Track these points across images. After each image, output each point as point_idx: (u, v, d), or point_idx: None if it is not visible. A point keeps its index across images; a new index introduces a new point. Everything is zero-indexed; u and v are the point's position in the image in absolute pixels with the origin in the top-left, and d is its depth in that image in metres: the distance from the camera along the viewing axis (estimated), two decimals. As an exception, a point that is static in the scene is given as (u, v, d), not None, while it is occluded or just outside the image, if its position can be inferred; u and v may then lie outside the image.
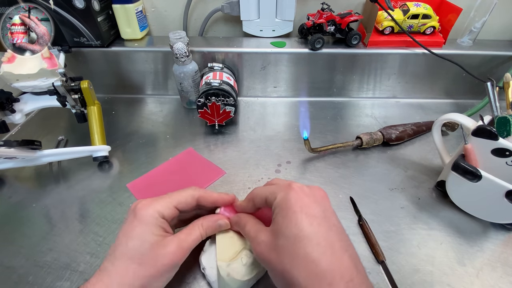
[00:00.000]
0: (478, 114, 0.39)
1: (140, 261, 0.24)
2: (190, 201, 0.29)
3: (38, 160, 0.41)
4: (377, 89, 0.62)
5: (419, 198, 0.41)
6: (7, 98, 0.42)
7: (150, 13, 0.62)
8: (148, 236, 0.25)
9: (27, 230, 0.37)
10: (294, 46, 0.58)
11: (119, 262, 0.24)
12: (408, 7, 0.55)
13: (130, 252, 0.25)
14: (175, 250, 0.26)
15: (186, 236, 0.27)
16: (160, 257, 0.25)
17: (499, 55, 0.57)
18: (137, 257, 0.24)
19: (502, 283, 0.32)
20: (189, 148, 0.49)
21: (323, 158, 0.48)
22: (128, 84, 0.61)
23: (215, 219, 0.30)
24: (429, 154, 0.48)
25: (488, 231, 0.37)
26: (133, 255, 0.25)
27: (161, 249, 0.25)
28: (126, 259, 0.24)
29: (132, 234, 0.25)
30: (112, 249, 0.26)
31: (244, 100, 0.62)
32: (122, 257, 0.25)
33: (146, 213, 0.26)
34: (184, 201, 0.29)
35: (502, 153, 0.34)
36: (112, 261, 0.25)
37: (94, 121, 0.46)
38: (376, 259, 0.34)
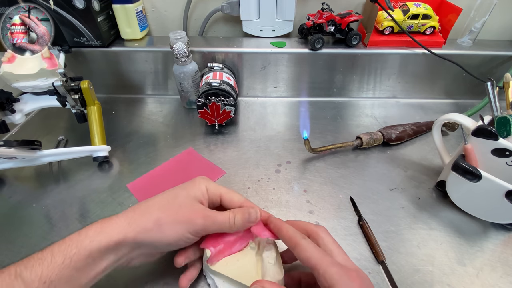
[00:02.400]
0: (478, 114, 0.39)
1: (171, 201, 0.27)
2: (235, 200, 0.30)
3: (38, 160, 0.41)
4: (377, 89, 0.62)
5: (419, 198, 0.41)
6: (7, 98, 0.42)
7: (150, 13, 0.62)
8: (188, 193, 0.28)
9: (27, 230, 0.37)
10: (294, 46, 0.58)
11: (157, 198, 0.28)
12: (408, 7, 0.55)
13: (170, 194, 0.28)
14: (199, 211, 0.27)
15: (215, 212, 0.28)
16: (184, 207, 0.27)
17: (499, 55, 0.57)
18: (172, 198, 0.28)
19: (502, 283, 0.32)
20: (189, 148, 0.49)
21: (323, 158, 0.48)
22: (128, 84, 0.61)
23: (247, 208, 0.29)
24: (429, 154, 0.49)
25: (488, 231, 0.37)
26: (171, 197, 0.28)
27: (189, 204, 0.27)
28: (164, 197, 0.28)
29: (182, 186, 0.29)
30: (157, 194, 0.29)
31: (244, 100, 0.62)
32: (163, 195, 0.28)
33: (199, 183, 0.29)
34: (229, 197, 0.30)
35: (502, 153, 0.34)
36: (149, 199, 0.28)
37: (94, 121, 0.46)
38: (376, 259, 0.34)
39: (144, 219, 0.26)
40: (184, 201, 0.27)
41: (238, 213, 0.28)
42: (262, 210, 0.31)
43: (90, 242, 0.23)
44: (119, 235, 0.24)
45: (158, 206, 0.27)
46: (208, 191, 0.29)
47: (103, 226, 0.25)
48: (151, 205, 0.27)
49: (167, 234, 0.26)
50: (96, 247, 0.23)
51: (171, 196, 0.28)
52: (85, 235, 0.24)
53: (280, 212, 0.39)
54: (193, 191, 0.28)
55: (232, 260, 0.29)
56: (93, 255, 0.23)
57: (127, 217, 0.26)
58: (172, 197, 0.28)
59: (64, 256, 0.23)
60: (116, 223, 0.25)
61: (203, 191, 0.29)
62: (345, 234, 0.37)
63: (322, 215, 0.39)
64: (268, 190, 0.42)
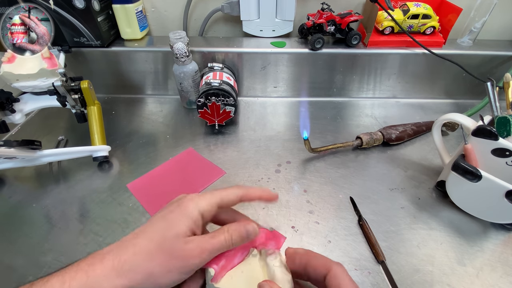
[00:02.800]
0: (478, 114, 0.39)
1: (160, 245, 0.24)
2: (233, 199, 0.28)
3: (38, 160, 0.41)
4: (377, 89, 0.62)
5: (419, 198, 0.41)
6: (7, 98, 0.42)
7: (150, 13, 0.62)
8: (178, 226, 0.25)
9: (27, 230, 0.37)
10: (294, 46, 0.58)
11: (140, 241, 0.25)
12: (408, 7, 0.55)
13: (156, 233, 0.25)
14: (193, 247, 0.25)
15: (209, 237, 0.26)
16: (176, 252, 0.24)
17: (499, 55, 0.57)
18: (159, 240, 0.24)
19: (502, 283, 0.32)
20: (189, 148, 0.49)
21: (323, 158, 0.48)
22: (128, 84, 0.61)
23: (244, 224, 0.27)
24: (429, 154, 0.49)
25: (488, 231, 0.37)
26: (155, 237, 0.25)
27: (182, 242, 0.25)
28: (148, 239, 0.24)
29: (168, 218, 0.26)
30: (140, 228, 0.26)
31: (244, 100, 0.62)
32: (146, 236, 0.25)
33: (189, 206, 0.26)
34: (227, 200, 0.28)
35: (502, 153, 0.34)
36: (135, 237, 0.25)
37: (94, 121, 0.46)
38: (376, 259, 0.34)
39: (133, 272, 0.23)
40: (175, 245, 0.24)
41: (235, 232, 0.26)
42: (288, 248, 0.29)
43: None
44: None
45: (147, 254, 0.24)
46: (203, 215, 0.26)
47: (88, 276, 0.22)
48: (139, 253, 0.24)
49: (161, 282, 0.24)
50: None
51: (158, 239, 0.24)
52: (69, 286, 0.21)
53: (280, 212, 0.39)
54: (184, 226, 0.25)
55: (236, 273, 0.28)
56: None
57: (114, 267, 0.23)
58: (160, 240, 0.24)
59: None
60: (103, 274, 0.22)
61: (196, 218, 0.26)
62: (345, 234, 0.37)
63: (322, 215, 0.39)
64: (268, 190, 0.42)
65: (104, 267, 0.23)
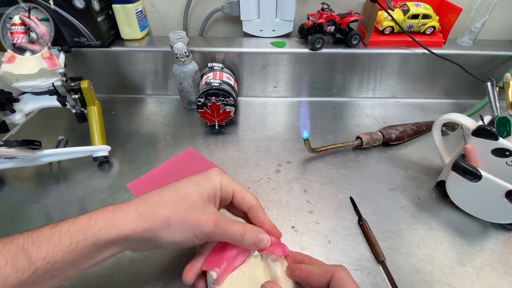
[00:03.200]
0: (478, 114, 0.39)
1: (182, 197, 0.26)
2: (247, 199, 0.29)
3: (38, 160, 0.41)
4: (377, 89, 0.62)
5: (419, 198, 0.41)
6: (7, 98, 0.42)
7: (150, 13, 0.62)
8: (202, 188, 0.27)
9: (27, 230, 0.37)
10: (294, 46, 0.58)
11: (166, 190, 0.27)
12: (408, 7, 0.56)
13: (182, 188, 0.27)
14: (210, 216, 0.26)
15: (226, 220, 0.27)
16: (195, 209, 0.26)
17: (499, 55, 0.57)
18: (182, 193, 0.26)
19: (502, 283, 0.32)
20: (189, 148, 0.49)
21: (323, 158, 0.48)
22: (128, 84, 0.61)
23: (260, 230, 0.28)
24: (429, 154, 0.49)
25: (488, 231, 0.37)
26: (181, 191, 0.26)
27: (201, 205, 0.26)
28: (174, 190, 0.27)
29: (194, 180, 0.27)
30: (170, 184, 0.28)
31: (244, 100, 0.62)
32: (172, 187, 0.27)
33: (213, 176, 0.28)
34: (242, 194, 0.29)
35: (502, 153, 0.34)
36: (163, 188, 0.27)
37: (94, 121, 0.46)
38: (376, 259, 0.34)
39: (153, 216, 0.25)
40: (196, 201, 0.26)
41: (250, 233, 0.27)
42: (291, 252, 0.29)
43: (98, 231, 0.23)
44: (128, 229, 0.24)
45: (168, 203, 0.26)
46: (222, 187, 0.28)
47: (113, 215, 0.24)
48: (162, 201, 0.26)
49: (174, 234, 0.25)
50: (104, 237, 0.23)
51: (182, 192, 0.26)
52: (95, 222, 0.23)
53: (280, 212, 0.39)
54: (206, 189, 0.27)
55: (238, 275, 0.28)
56: (99, 244, 0.23)
57: (137, 210, 0.25)
58: (184, 193, 0.26)
59: (71, 240, 0.22)
60: (127, 215, 0.24)
61: (217, 186, 0.28)
62: (345, 234, 0.37)
63: (322, 215, 0.39)
64: (268, 190, 0.42)
65: (129, 209, 0.25)
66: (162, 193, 0.26)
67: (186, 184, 0.27)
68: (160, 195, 0.26)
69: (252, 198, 0.29)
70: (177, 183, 0.27)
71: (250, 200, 0.29)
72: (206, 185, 0.27)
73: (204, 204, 0.26)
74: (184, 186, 0.27)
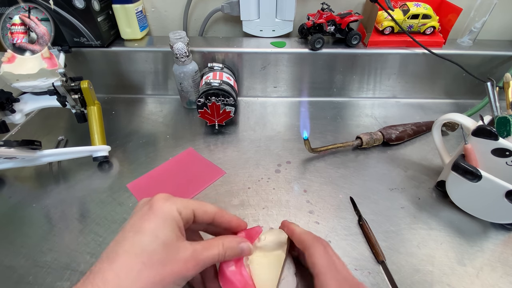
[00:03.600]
0: (478, 114, 0.39)
1: (147, 260, 0.20)
2: (209, 211, 0.26)
3: (38, 160, 0.41)
4: (377, 89, 0.62)
5: (419, 198, 0.41)
6: (7, 98, 0.42)
7: (150, 13, 0.62)
8: (162, 233, 0.21)
9: (27, 230, 0.37)
10: (294, 46, 0.58)
11: (121, 260, 0.20)
12: (408, 7, 0.56)
13: (136, 248, 0.21)
14: (188, 258, 0.22)
15: (202, 249, 0.23)
16: (170, 261, 0.21)
17: (499, 55, 0.57)
18: (145, 255, 0.20)
19: (502, 283, 0.32)
20: (189, 148, 0.49)
21: (323, 158, 0.48)
22: (128, 84, 0.61)
23: (238, 241, 0.26)
24: (429, 154, 0.49)
25: (488, 231, 0.37)
26: (140, 252, 0.20)
27: (173, 251, 0.21)
28: (131, 256, 0.20)
29: (144, 227, 0.21)
30: (111, 246, 0.21)
31: (244, 100, 0.62)
32: (125, 254, 0.20)
33: (164, 207, 0.23)
34: (202, 210, 0.25)
35: (502, 153, 0.34)
36: (111, 259, 0.20)
37: (94, 121, 0.46)
38: (376, 259, 0.34)
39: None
40: (165, 254, 0.21)
41: (229, 250, 0.25)
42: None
43: None
44: None
45: (134, 273, 0.20)
46: (181, 215, 0.23)
47: None
48: (123, 275, 0.20)
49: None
50: None
51: (144, 256, 0.20)
52: None
53: (280, 212, 0.39)
54: (166, 231, 0.22)
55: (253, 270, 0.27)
56: None
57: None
58: (147, 256, 0.20)
59: None
60: None
61: (176, 218, 0.23)
62: (345, 234, 0.37)
63: (322, 215, 0.39)
64: (268, 190, 0.42)
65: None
66: (117, 268, 0.20)
67: (141, 239, 0.21)
68: (115, 272, 0.20)
69: (212, 207, 0.26)
70: (127, 241, 0.21)
71: (211, 210, 0.26)
72: (165, 227, 0.22)
73: (176, 249, 0.22)
74: (140, 244, 0.21)
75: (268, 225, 0.38)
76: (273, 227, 0.37)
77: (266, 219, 0.38)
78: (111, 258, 0.21)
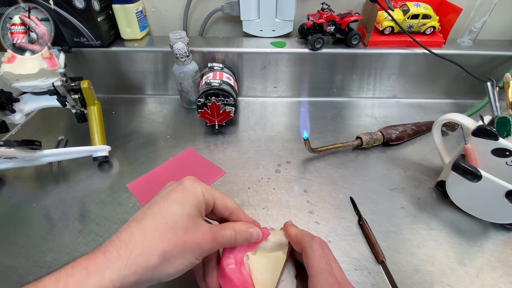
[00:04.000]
0: (478, 114, 0.39)
1: (173, 224, 0.22)
2: (229, 206, 0.27)
3: (38, 160, 0.41)
4: (377, 89, 0.62)
5: (419, 198, 0.41)
6: (7, 98, 0.42)
7: (150, 13, 0.62)
8: (187, 205, 0.23)
9: (27, 230, 0.37)
10: (294, 46, 0.58)
11: (148, 220, 0.22)
12: (408, 7, 0.56)
13: (163, 212, 0.22)
14: (206, 231, 0.24)
15: (219, 229, 0.25)
16: (192, 230, 0.23)
17: (499, 55, 0.57)
18: (171, 220, 0.22)
19: (502, 283, 0.32)
20: (189, 148, 0.49)
21: (323, 158, 0.48)
22: (128, 84, 0.61)
23: (248, 226, 0.27)
24: (429, 154, 0.48)
25: (488, 231, 0.37)
26: (166, 216, 0.22)
27: (195, 223, 0.23)
28: (158, 218, 0.22)
29: (172, 197, 0.24)
30: (140, 211, 0.23)
31: (244, 100, 0.62)
32: (152, 216, 0.22)
33: (192, 185, 0.25)
34: (223, 202, 0.27)
35: (502, 153, 0.34)
36: (139, 220, 0.22)
37: (94, 121, 0.46)
38: (376, 259, 0.34)
39: (145, 257, 0.20)
40: (188, 223, 0.23)
41: (239, 233, 0.26)
42: None
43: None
44: (114, 282, 0.19)
45: (158, 236, 0.21)
46: (204, 197, 0.25)
47: (88, 273, 0.19)
48: (149, 236, 0.21)
49: (175, 266, 0.22)
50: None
51: (169, 219, 0.22)
52: (64, 285, 0.18)
53: (280, 212, 0.39)
54: (192, 205, 0.24)
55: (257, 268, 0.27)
56: None
57: (120, 256, 0.20)
58: (172, 220, 0.22)
59: None
60: (107, 268, 0.19)
61: (200, 199, 0.25)
62: (345, 234, 0.37)
63: (322, 215, 0.39)
64: (268, 190, 0.42)
65: (108, 259, 0.19)
66: (144, 226, 0.22)
67: (168, 206, 0.23)
68: (142, 230, 0.21)
69: (232, 203, 0.28)
70: (155, 206, 0.23)
71: (231, 205, 0.28)
72: (190, 201, 0.24)
73: (197, 223, 0.24)
74: (168, 210, 0.23)
75: (268, 225, 0.37)
76: (273, 227, 0.37)
77: (266, 219, 0.38)
78: (139, 219, 0.22)
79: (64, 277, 0.18)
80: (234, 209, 0.28)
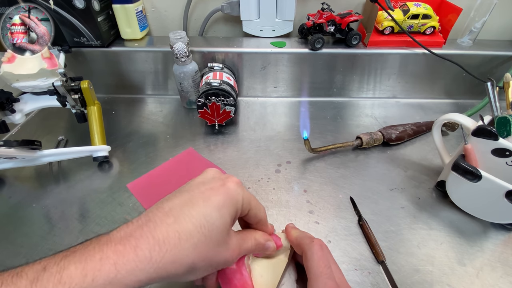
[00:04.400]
0: (478, 114, 0.39)
1: (208, 235, 0.21)
2: (258, 216, 0.26)
3: (38, 160, 0.41)
4: (377, 89, 0.62)
5: (419, 198, 0.41)
6: (7, 98, 0.42)
7: (150, 13, 0.62)
8: (226, 213, 0.22)
9: (27, 230, 0.37)
10: (294, 46, 0.58)
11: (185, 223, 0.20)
12: (408, 7, 0.56)
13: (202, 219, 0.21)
14: (234, 247, 0.23)
15: (242, 240, 0.24)
16: (223, 245, 0.22)
17: (499, 55, 0.57)
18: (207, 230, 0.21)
19: (502, 283, 0.32)
20: (189, 148, 0.49)
21: (323, 158, 0.48)
22: (128, 84, 0.61)
23: (266, 239, 0.26)
24: (429, 154, 0.49)
25: (488, 231, 0.37)
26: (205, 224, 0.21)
27: (227, 237, 0.22)
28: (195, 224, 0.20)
29: (213, 200, 0.22)
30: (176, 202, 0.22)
31: (244, 100, 0.62)
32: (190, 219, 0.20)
33: (236, 190, 0.23)
34: (256, 212, 0.25)
35: (502, 153, 0.34)
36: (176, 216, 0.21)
37: (94, 121, 0.46)
38: (376, 259, 0.34)
39: (175, 265, 0.20)
40: (220, 235, 0.21)
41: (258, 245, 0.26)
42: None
43: None
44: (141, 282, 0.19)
45: (192, 245, 0.20)
46: (243, 206, 0.24)
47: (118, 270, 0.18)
48: (182, 242, 0.20)
49: (196, 275, 0.22)
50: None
51: (206, 228, 0.21)
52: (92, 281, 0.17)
53: (280, 212, 0.39)
54: (229, 213, 0.22)
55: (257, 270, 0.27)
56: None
57: (151, 258, 0.19)
58: (208, 229, 0.21)
59: None
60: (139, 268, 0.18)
61: (239, 207, 0.23)
62: (345, 234, 0.37)
63: (322, 215, 0.39)
64: (268, 190, 0.42)
65: (139, 259, 0.18)
66: (180, 229, 0.20)
67: (208, 213, 0.21)
68: (178, 233, 0.20)
69: (263, 212, 0.27)
70: (195, 208, 0.21)
71: (261, 215, 0.27)
72: (229, 209, 0.22)
73: (229, 235, 0.22)
74: (207, 217, 0.21)
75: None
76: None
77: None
78: (175, 215, 0.21)
79: (91, 272, 0.17)
80: (262, 219, 0.27)
